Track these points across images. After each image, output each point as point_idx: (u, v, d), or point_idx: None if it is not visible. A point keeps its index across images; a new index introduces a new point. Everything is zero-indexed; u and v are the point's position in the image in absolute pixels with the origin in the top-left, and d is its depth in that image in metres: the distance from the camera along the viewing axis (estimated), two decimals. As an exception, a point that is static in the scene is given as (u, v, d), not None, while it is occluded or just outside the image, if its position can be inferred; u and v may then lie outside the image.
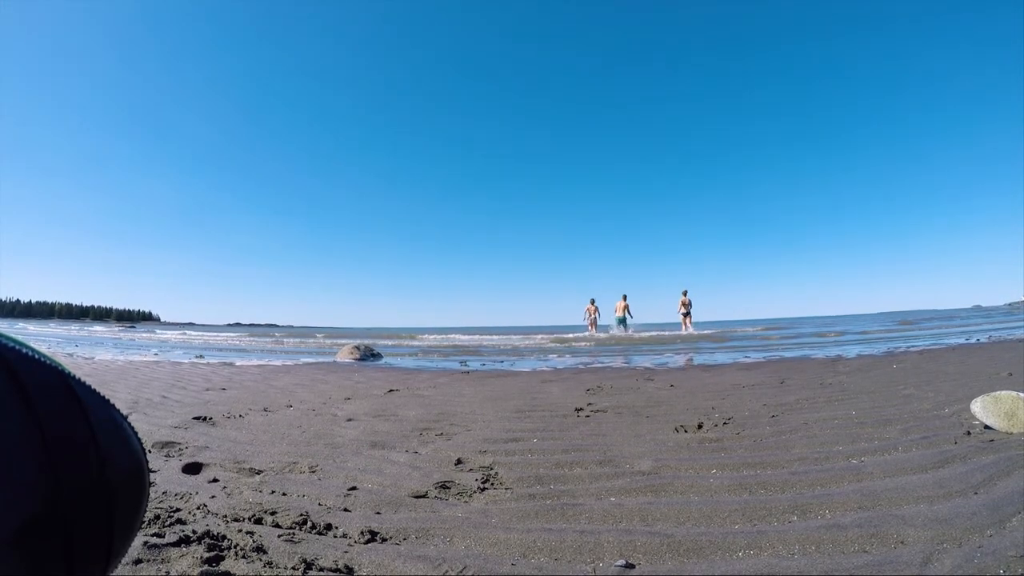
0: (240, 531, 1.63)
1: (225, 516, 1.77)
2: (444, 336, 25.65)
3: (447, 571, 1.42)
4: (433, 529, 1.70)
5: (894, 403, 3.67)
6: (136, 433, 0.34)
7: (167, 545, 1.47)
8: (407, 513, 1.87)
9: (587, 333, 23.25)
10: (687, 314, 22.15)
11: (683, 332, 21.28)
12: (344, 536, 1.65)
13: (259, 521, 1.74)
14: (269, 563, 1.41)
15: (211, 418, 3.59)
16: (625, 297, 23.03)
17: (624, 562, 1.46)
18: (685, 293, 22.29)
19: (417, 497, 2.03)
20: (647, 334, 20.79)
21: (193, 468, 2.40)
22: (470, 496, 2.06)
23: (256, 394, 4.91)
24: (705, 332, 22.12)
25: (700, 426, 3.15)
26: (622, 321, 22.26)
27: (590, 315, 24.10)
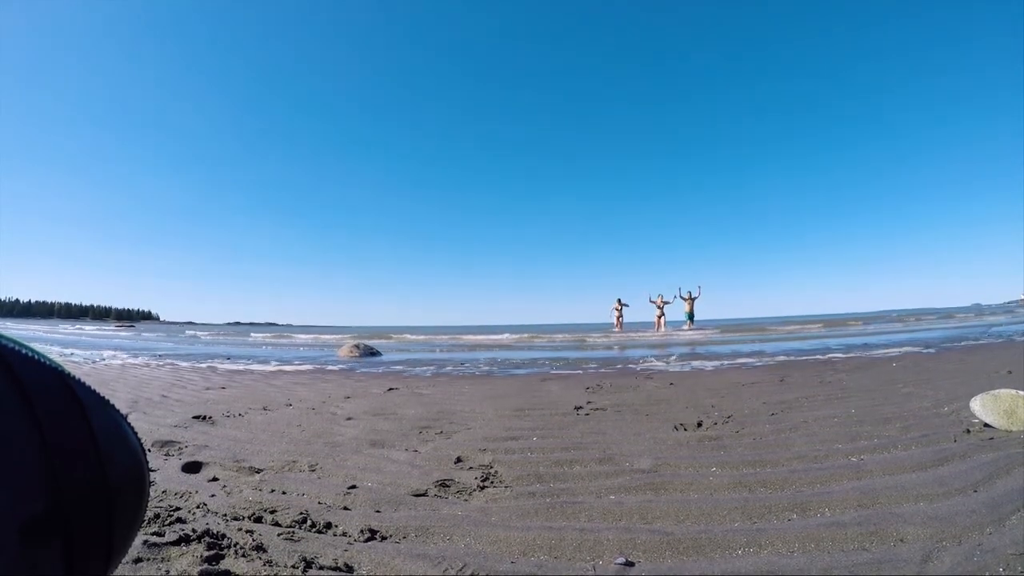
0: (240, 530, 1.63)
1: (225, 515, 1.78)
2: (444, 335, 25.69)
3: (447, 569, 1.42)
4: (433, 527, 1.71)
5: (893, 401, 3.67)
6: (136, 432, 0.34)
7: (167, 544, 1.47)
8: (407, 511, 1.87)
9: (614, 331, 23.25)
10: (661, 315, 23.27)
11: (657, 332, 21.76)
12: (344, 534, 1.65)
13: (259, 520, 1.74)
14: (269, 562, 1.41)
15: (211, 417, 3.58)
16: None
17: (624, 560, 1.46)
18: (660, 297, 23.32)
19: (417, 495, 2.04)
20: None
21: (193, 467, 2.40)
22: (470, 494, 2.07)
23: (256, 393, 4.91)
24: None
25: (700, 424, 3.15)
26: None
27: (616, 313, 24.29)
